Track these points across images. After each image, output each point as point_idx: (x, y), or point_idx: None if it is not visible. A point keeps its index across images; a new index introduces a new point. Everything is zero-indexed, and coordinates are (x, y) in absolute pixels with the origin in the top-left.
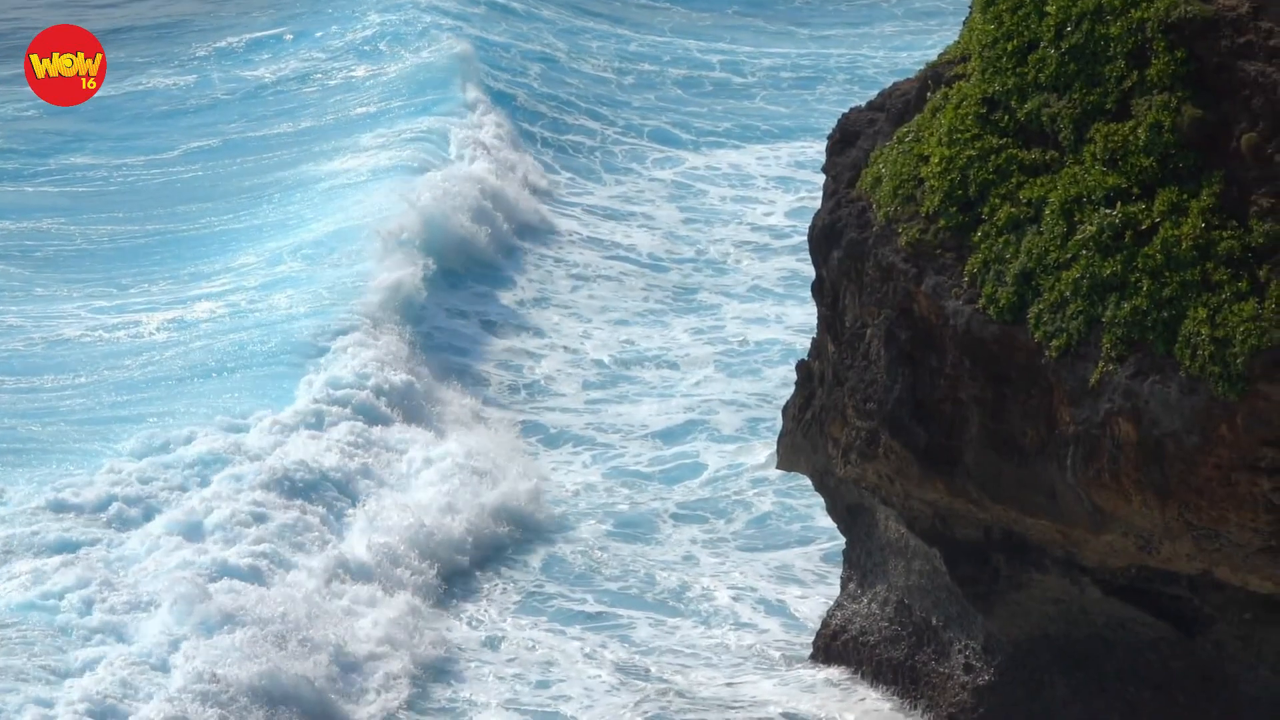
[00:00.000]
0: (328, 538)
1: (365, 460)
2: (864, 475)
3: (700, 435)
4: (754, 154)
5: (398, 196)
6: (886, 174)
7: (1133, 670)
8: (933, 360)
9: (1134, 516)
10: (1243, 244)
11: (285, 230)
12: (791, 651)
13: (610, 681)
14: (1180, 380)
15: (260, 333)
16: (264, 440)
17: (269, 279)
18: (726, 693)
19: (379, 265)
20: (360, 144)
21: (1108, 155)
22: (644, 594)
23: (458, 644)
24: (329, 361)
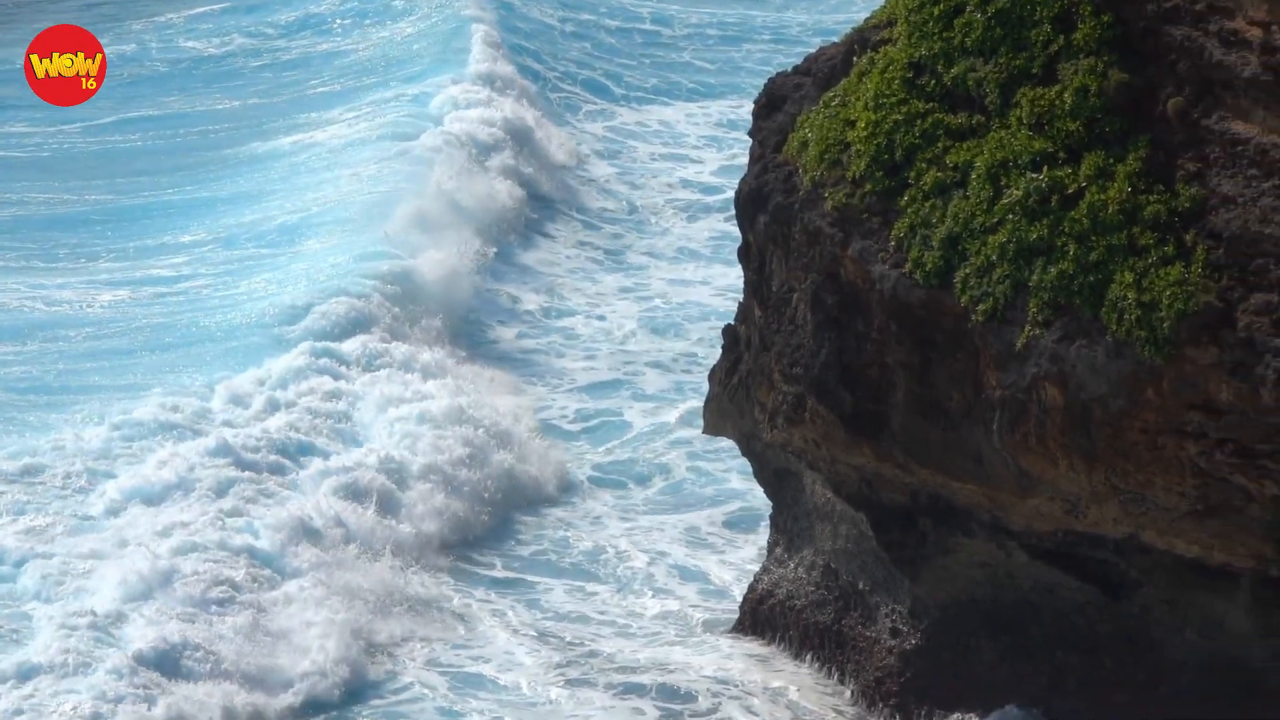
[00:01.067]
0: (272, 501)
1: (308, 423)
2: (790, 440)
3: (624, 393)
4: (684, 110)
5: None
6: (813, 138)
7: (1059, 634)
8: (859, 325)
9: (1060, 480)
10: (1169, 208)
11: (247, 202)
12: (710, 618)
13: (529, 646)
14: (1107, 344)
15: (222, 306)
16: (223, 406)
17: (230, 254)
18: (647, 659)
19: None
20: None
21: (1034, 119)
22: (560, 559)
23: (374, 605)
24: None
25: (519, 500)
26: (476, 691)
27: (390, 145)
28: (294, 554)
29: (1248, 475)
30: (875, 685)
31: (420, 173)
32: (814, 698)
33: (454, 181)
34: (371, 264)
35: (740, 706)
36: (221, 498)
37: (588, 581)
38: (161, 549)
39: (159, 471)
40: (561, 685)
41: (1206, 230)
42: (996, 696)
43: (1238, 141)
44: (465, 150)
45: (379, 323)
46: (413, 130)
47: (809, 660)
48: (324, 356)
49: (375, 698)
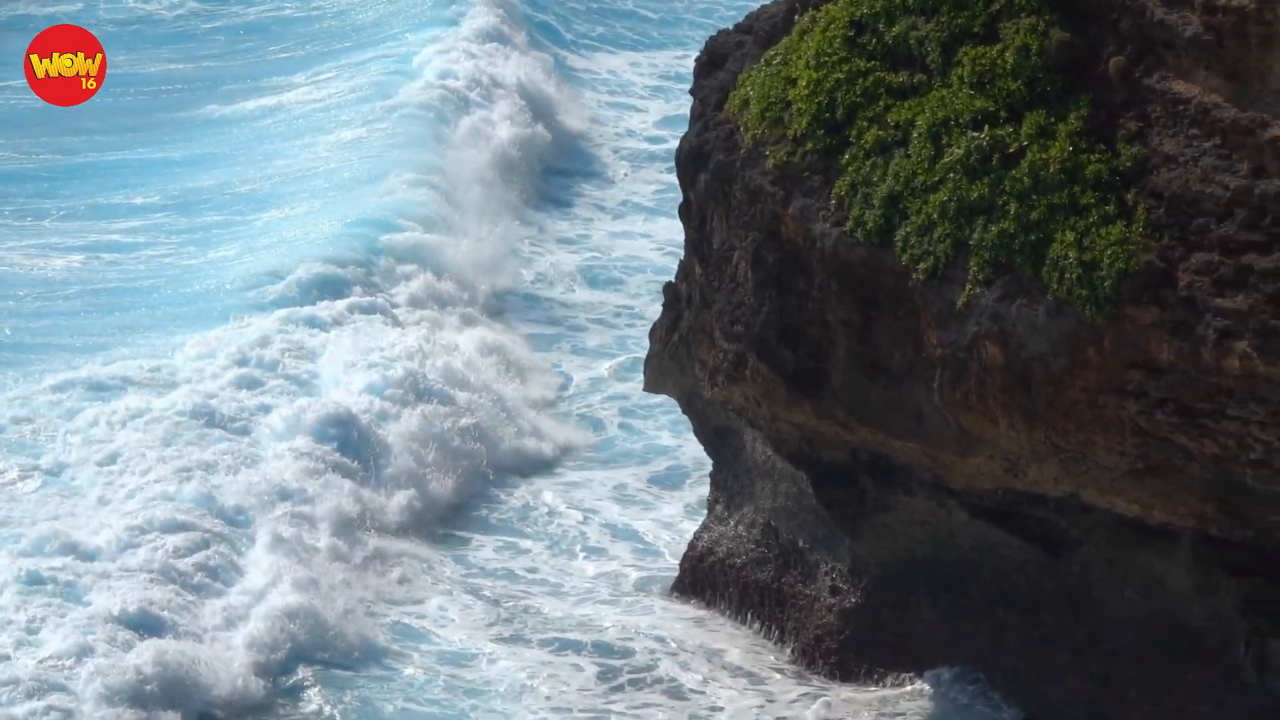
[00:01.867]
0: (231, 460)
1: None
2: (731, 398)
3: (564, 346)
4: (628, 59)
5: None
6: (754, 96)
7: (1000, 592)
8: (800, 283)
9: (1001, 439)
10: (1110, 167)
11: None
12: (645, 576)
13: (462, 602)
14: (1048, 303)
15: (187, 273)
16: (186, 365)
17: (192, 220)
18: (582, 617)
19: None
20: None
21: (975, 78)
22: (489, 515)
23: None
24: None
25: (466, 459)
26: (418, 645)
27: (362, 108)
28: (250, 513)
29: (1188, 434)
30: (815, 643)
31: (399, 131)
32: (751, 657)
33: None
34: (348, 229)
35: (677, 664)
36: (180, 456)
37: (519, 539)
38: (125, 507)
39: (120, 431)
40: (496, 642)
41: (1148, 189)
42: (936, 655)
43: (1179, 101)
44: (435, 108)
45: (345, 285)
46: (384, 91)
47: (748, 619)
48: (291, 319)
49: (320, 651)
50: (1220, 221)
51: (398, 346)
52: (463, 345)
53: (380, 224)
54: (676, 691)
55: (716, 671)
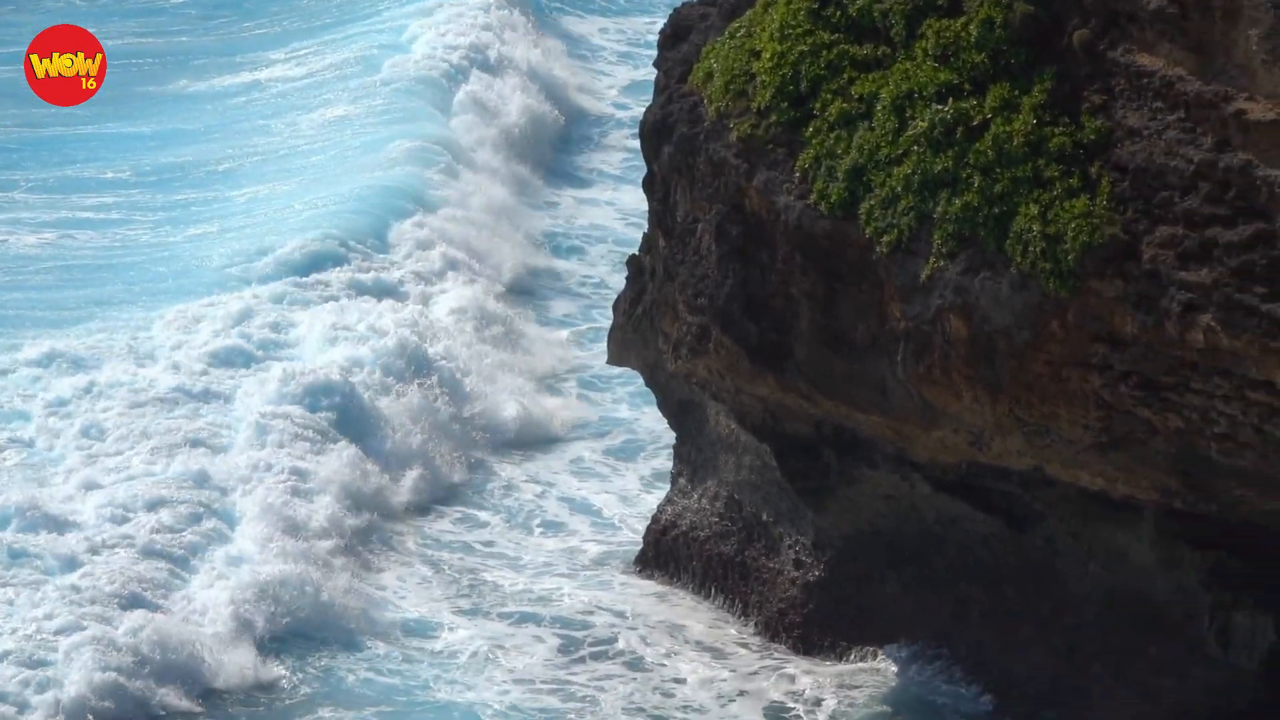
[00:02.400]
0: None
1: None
2: (695, 370)
3: (529, 315)
4: (596, 25)
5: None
6: (718, 69)
7: (963, 566)
8: (764, 256)
9: (965, 413)
10: (1074, 140)
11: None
12: (605, 550)
13: (420, 575)
14: (1011, 276)
15: (167, 247)
16: (166, 333)
17: (170, 198)
18: (541, 591)
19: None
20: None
21: (939, 51)
22: (447, 487)
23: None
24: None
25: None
26: (379, 615)
27: (350, 84)
28: (227, 486)
29: (1151, 408)
30: (778, 617)
31: (392, 105)
32: (714, 631)
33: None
34: (339, 205)
35: (639, 637)
36: (162, 430)
37: (476, 511)
38: (104, 480)
39: (100, 403)
40: (456, 614)
41: (1111, 163)
42: (900, 628)
43: (1143, 74)
44: (431, 81)
45: (330, 261)
46: (371, 66)
47: (711, 593)
48: (275, 294)
49: (284, 620)
50: (1184, 195)
51: (382, 319)
52: (447, 319)
53: (370, 199)
54: (638, 664)
55: (679, 645)
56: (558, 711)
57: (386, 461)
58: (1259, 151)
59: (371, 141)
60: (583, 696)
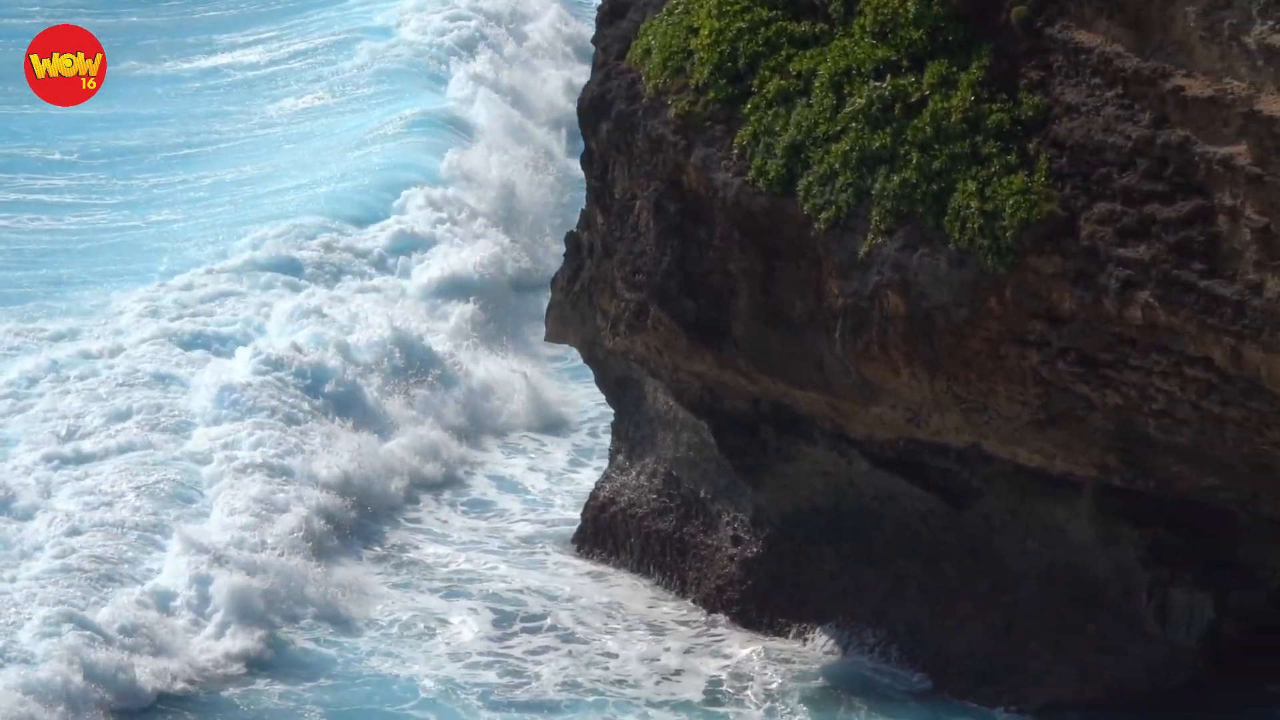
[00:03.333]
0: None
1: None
2: (633, 347)
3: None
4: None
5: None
6: (656, 46)
7: (901, 543)
8: (702, 232)
9: (902, 389)
10: (1012, 117)
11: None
12: (534, 526)
13: (354, 548)
14: (949, 253)
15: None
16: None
17: (129, 182)
18: (473, 567)
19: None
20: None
21: (877, 28)
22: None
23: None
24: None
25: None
26: (315, 588)
27: (323, 70)
28: (189, 464)
29: (1090, 384)
30: (716, 593)
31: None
32: (651, 607)
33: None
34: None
35: (574, 612)
36: (122, 412)
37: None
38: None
39: (61, 385)
40: (389, 588)
41: (1049, 139)
42: (837, 605)
43: (1081, 50)
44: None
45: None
46: (344, 49)
47: (649, 569)
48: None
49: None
50: (1122, 171)
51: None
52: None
53: (373, 173)
54: (574, 639)
55: (616, 621)
56: (493, 685)
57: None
58: (1197, 128)
59: (341, 130)
60: (519, 671)
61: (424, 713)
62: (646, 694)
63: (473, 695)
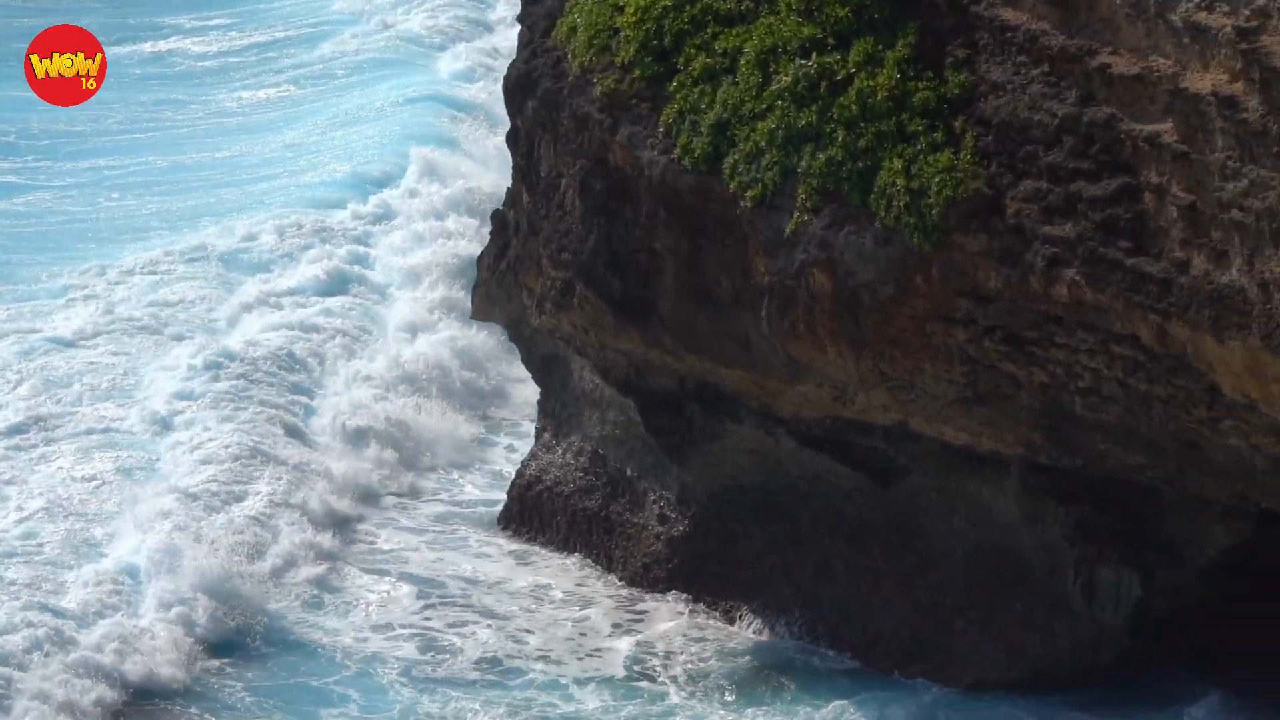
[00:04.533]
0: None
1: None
2: (559, 325)
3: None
4: None
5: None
6: (582, 24)
7: (828, 521)
8: (628, 211)
9: (829, 367)
10: (938, 95)
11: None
12: (452, 503)
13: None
14: (875, 231)
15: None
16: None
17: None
18: (391, 545)
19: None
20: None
21: (803, 5)
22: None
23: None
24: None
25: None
26: (240, 561)
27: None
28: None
29: (1016, 363)
30: (643, 571)
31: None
32: (577, 587)
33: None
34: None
35: (499, 591)
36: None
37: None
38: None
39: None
40: (311, 565)
41: (976, 117)
42: (764, 583)
43: (1007, 28)
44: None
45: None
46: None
47: (575, 548)
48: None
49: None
50: (1049, 149)
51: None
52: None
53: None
54: (494, 614)
55: (540, 598)
56: (414, 661)
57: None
58: (1123, 105)
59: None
60: (441, 647)
61: (345, 689)
62: (571, 671)
63: (393, 670)
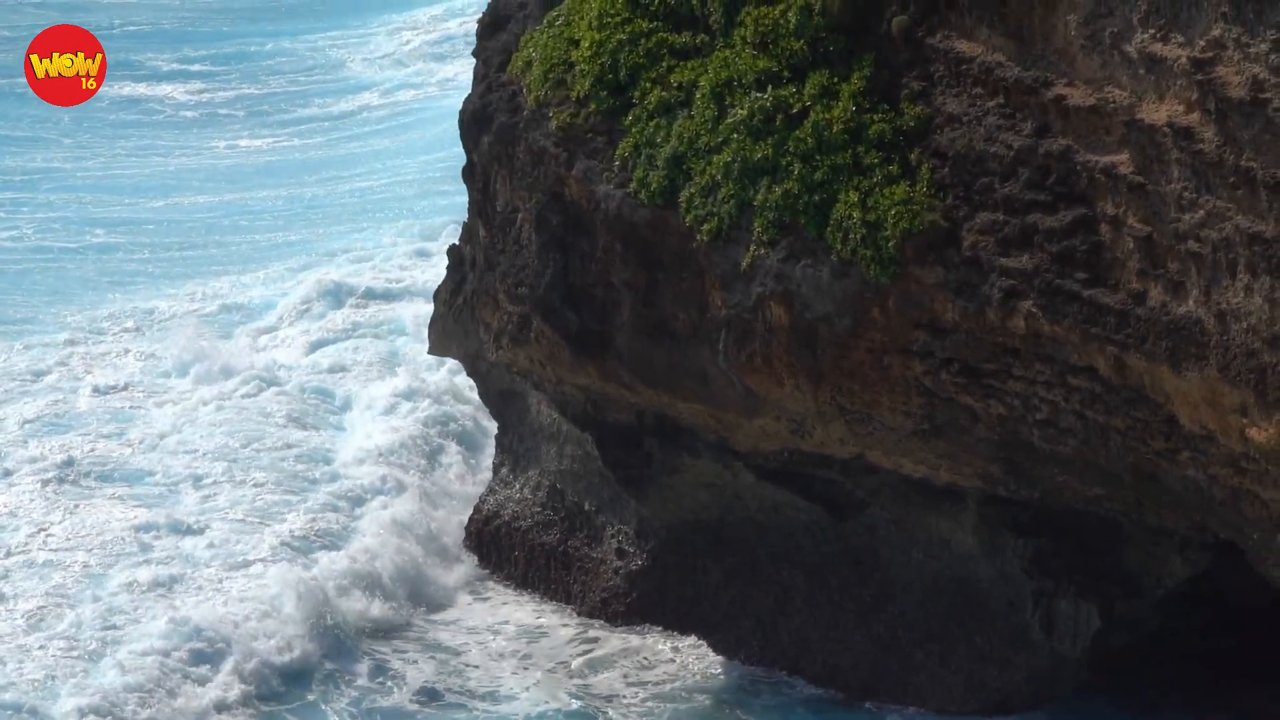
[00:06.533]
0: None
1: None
2: (516, 360)
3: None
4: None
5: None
6: (537, 58)
7: (785, 554)
8: (584, 245)
9: (786, 400)
10: (894, 127)
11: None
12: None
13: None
14: (832, 264)
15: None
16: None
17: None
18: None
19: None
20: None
21: (758, 39)
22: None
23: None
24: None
25: None
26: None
27: None
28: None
29: (974, 395)
30: (601, 606)
31: None
32: (534, 620)
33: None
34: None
35: (448, 628)
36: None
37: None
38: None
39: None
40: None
41: (931, 149)
42: (723, 617)
43: (962, 60)
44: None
45: None
46: None
47: (533, 582)
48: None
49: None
50: (1004, 181)
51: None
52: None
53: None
54: (441, 648)
55: (493, 632)
56: (364, 690)
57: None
58: (1078, 137)
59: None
60: (390, 673)
61: (294, 717)
62: (521, 707)
63: (343, 700)
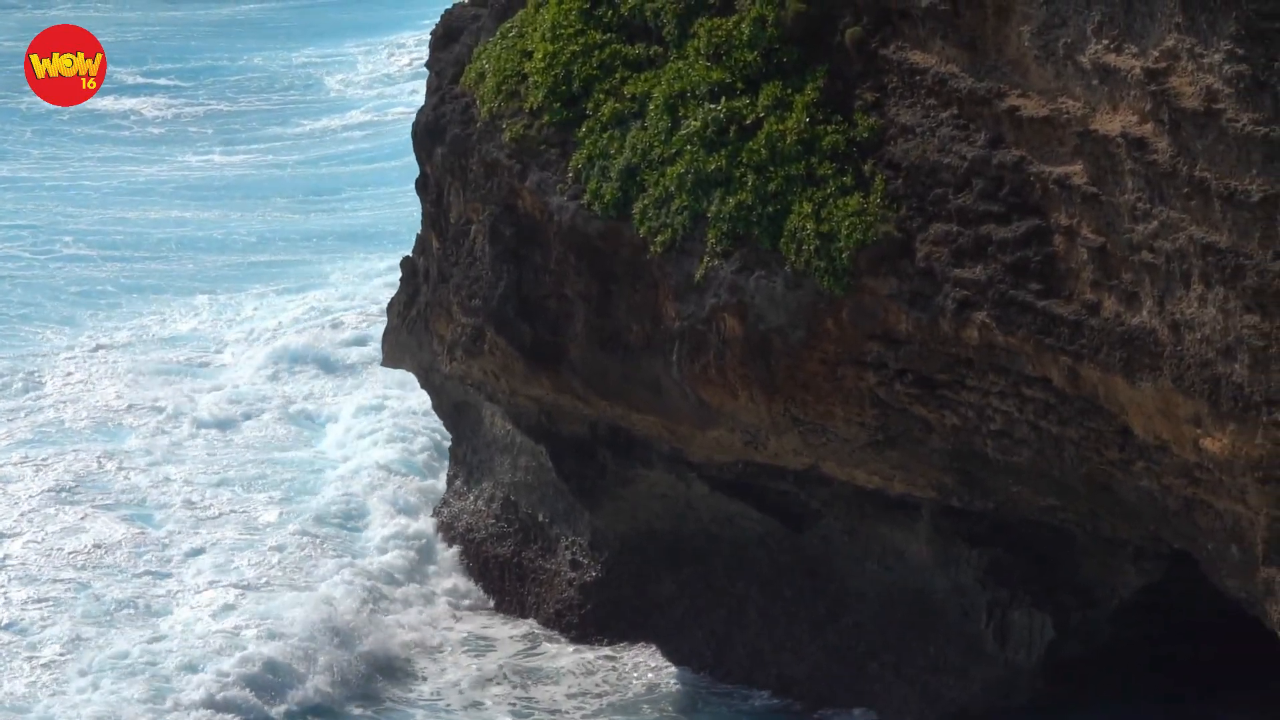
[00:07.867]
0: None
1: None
2: (470, 372)
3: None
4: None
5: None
6: (490, 70)
7: (740, 566)
8: (538, 256)
9: (740, 412)
10: (847, 138)
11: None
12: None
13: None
14: (786, 275)
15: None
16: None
17: None
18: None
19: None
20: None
21: (711, 50)
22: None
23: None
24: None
25: None
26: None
27: None
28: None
29: (927, 406)
30: (555, 617)
31: None
32: (486, 631)
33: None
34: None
35: (399, 640)
36: None
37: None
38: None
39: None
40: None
41: (885, 160)
42: (677, 628)
43: (916, 71)
44: None
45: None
46: None
47: (488, 593)
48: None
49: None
50: (958, 192)
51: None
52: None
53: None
54: (393, 662)
55: (444, 645)
56: (304, 695)
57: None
58: (1032, 148)
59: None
60: (334, 679)
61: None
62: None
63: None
